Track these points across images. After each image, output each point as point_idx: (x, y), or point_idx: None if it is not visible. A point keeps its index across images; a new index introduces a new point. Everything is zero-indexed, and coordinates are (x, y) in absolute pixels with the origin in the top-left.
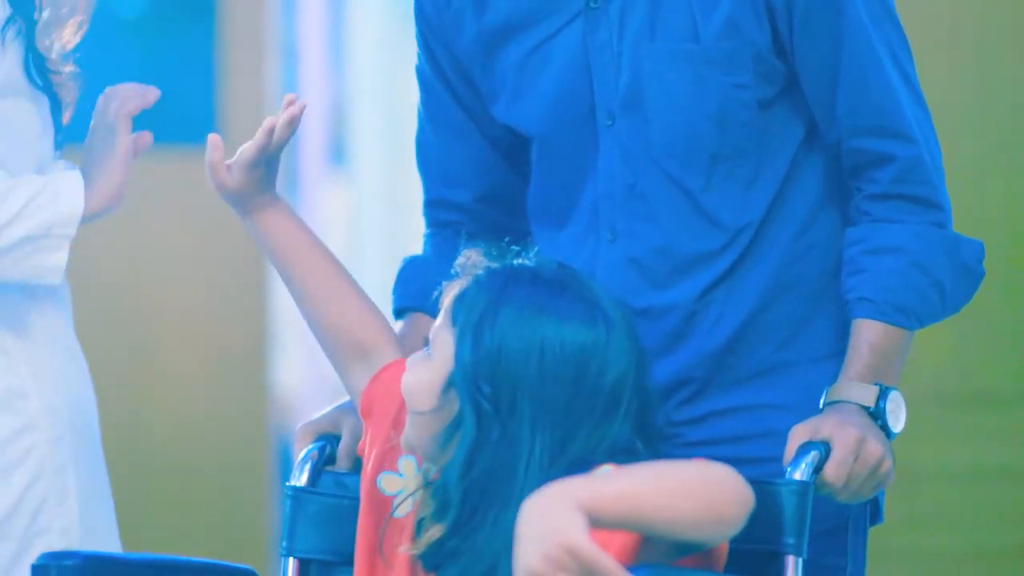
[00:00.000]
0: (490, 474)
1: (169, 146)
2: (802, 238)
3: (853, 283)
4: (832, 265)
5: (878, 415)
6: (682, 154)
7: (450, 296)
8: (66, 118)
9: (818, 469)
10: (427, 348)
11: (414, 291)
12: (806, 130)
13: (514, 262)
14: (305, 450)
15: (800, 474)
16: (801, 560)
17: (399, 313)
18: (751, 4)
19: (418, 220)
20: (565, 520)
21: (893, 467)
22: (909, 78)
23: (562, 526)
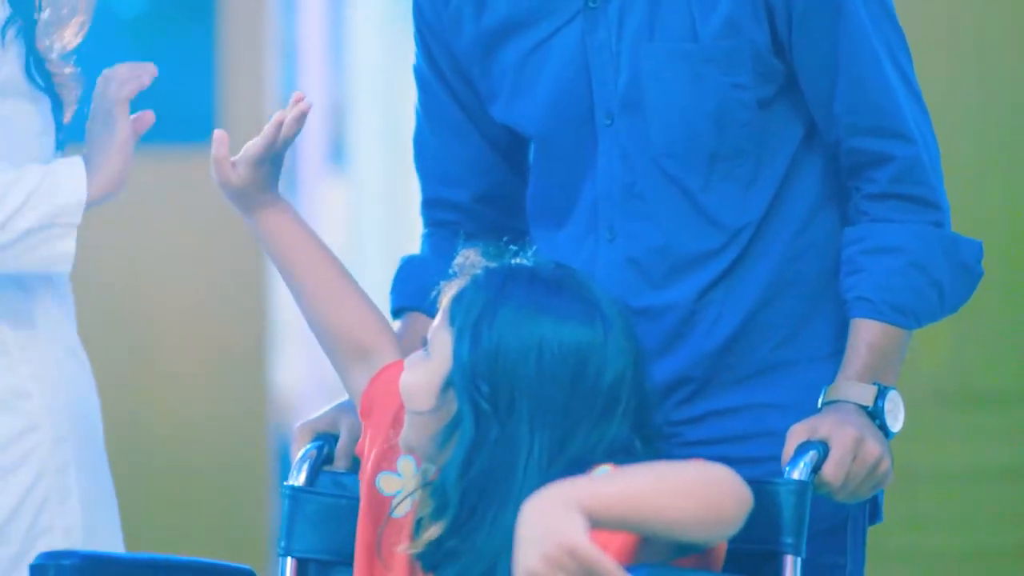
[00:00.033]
0: (488, 474)
1: (168, 146)
2: (801, 237)
3: (851, 283)
4: (831, 264)
5: (876, 415)
6: (681, 154)
7: (448, 296)
8: (67, 117)
9: (816, 468)
10: (425, 348)
11: (412, 291)
12: (805, 130)
13: (512, 262)
14: (303, 450)
15: (798, 474)
16: (799, 559)
17: (397, 313)
18: (750, 4)
19: (418, 220)
20: (565, 521)
21: (891, 467)
22: (908, 78)
23: (562, 527)
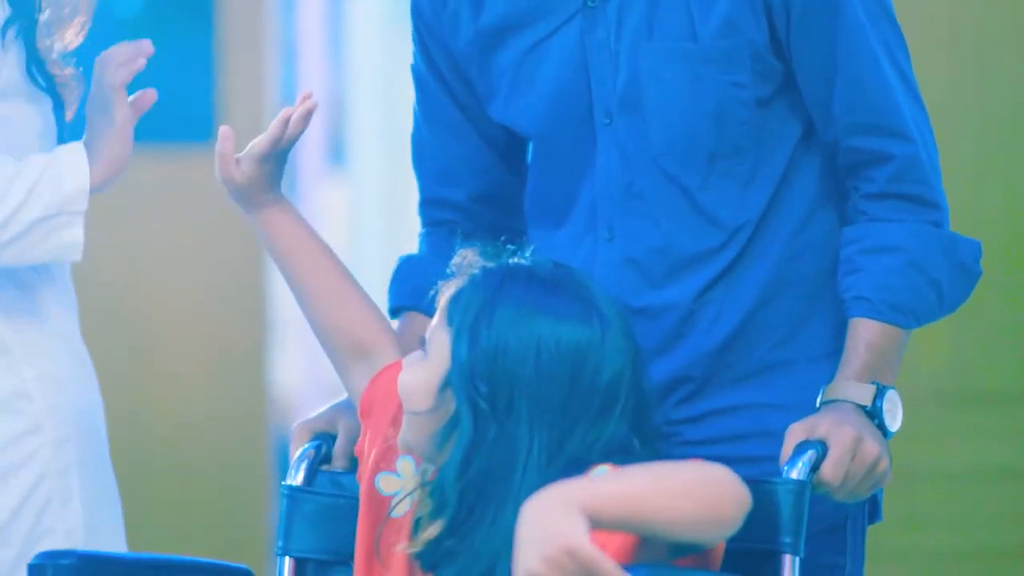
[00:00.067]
0: (487, 473)
1: (167, 145)
2: (800, 236)
3: (850, 282)
4: (830, 264)
5: (875, 414)
6: (680, 153)
7: (446, 296)
8: (69, 116)
9: (815, 468)
10: (423, 348)
11: (409, 290)
12: (803, 129)
13: (510, 261)
14: (301, 449)
15: (797, 473)
16: (798, 559)
17: (394, 312)
18: (749, 3)
19: (417, 220)
20: (565, 522)
21: (890, 466)
22: (906, 77)
23: (562, 528)
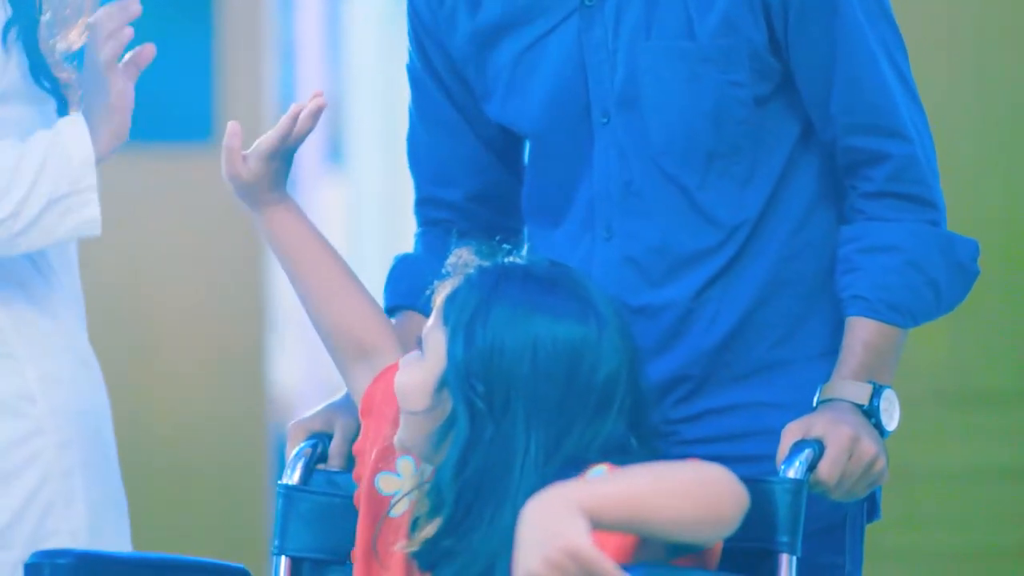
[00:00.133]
0: (484, 473)
1: (166, 145)
2: (798, 235)
3: (847, 281)
4: (828, 263)
5: (872, 413)
6: (678, 152)
7: (442, 295)
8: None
9: (812, 467)
10: (420, 348)
11: (405, 289)
12: (802, 128)
13: (505, 260)
14: (297, 448)
15: (794, 472)
16: (795, 558)
17: (391, 312)
18: (747, 2)
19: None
20: (566, 523)
21: (887, 466)
22: (904, 76)
23: (563, 530)
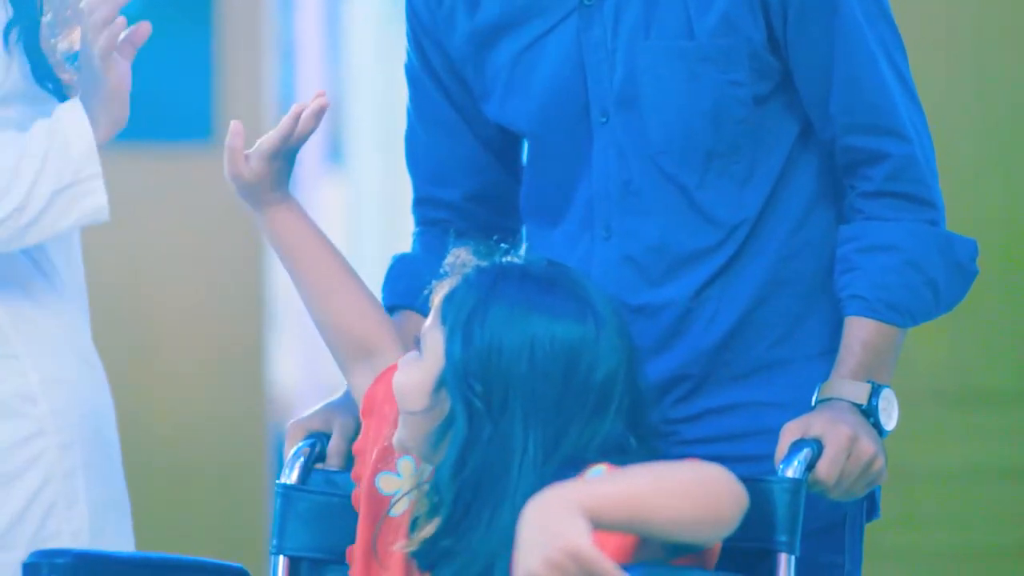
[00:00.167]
0: (483, 472)
1: (166, 145)
2: (797, 235)
3: (846, 280)
4: (827, 262)
5: (870, 413)
6: (677, 151)
7: (440, 295)
8: None
9: (811, 467)
10: (418, 348)
11: (403, 289)
12: (801, 127)
13: (503, 260)
14: (295, 448)
15: (792, 471)
16: (793, 557)
17: (389, 311)
18: (747, 2)
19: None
20: (567, 524)
21: (885, 465)
22: (903, 76)
23: (564, 530)
